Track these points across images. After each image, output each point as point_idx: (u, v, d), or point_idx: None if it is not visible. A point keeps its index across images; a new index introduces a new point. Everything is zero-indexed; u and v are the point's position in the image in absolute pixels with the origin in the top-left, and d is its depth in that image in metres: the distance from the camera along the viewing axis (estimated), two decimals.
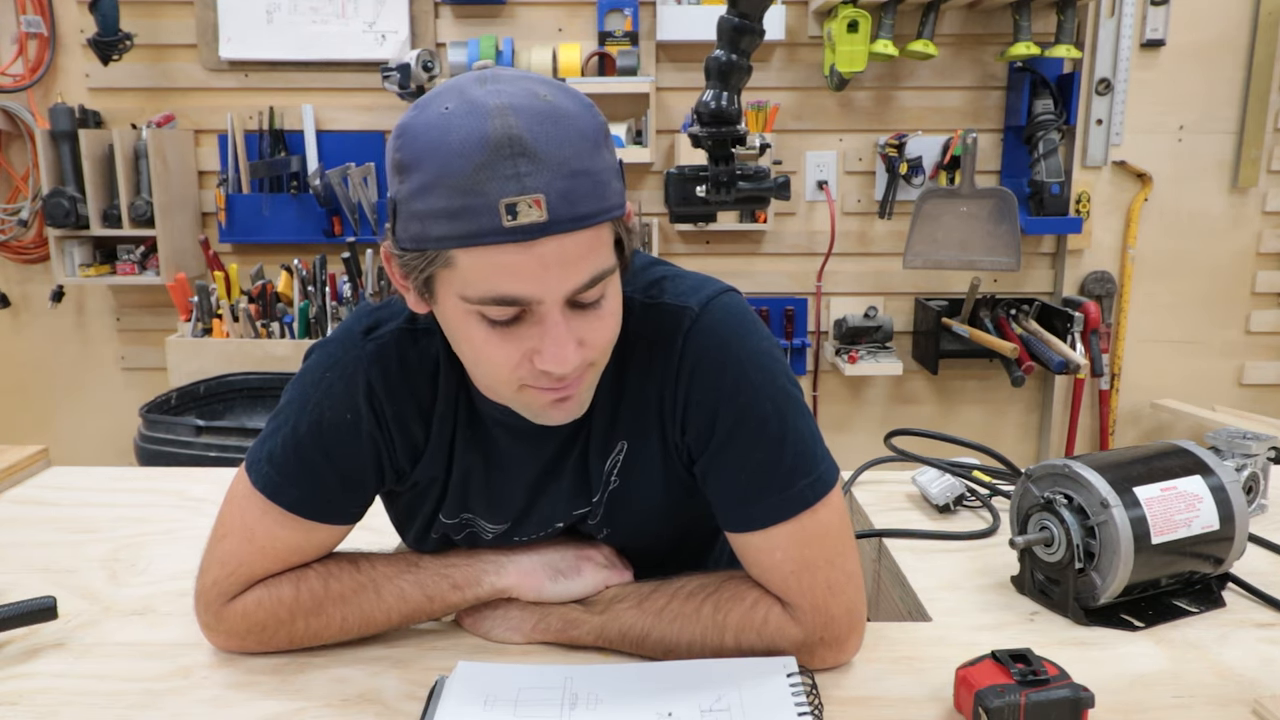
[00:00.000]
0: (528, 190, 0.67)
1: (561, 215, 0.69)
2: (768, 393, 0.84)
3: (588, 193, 0.70)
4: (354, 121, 2.84)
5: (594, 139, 0.72)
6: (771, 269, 2.92)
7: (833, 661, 0.87)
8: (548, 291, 0.71)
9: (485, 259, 0.70)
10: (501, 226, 0.68)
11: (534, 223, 0.68)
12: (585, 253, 0.72)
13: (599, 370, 0.82)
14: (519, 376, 0.77)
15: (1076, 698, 0.76)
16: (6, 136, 2.87)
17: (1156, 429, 3.00)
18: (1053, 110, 2.73)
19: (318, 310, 2.64)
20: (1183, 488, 0.98)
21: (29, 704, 0.84)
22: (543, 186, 0.68)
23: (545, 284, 0.71)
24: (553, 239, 0.69)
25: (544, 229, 0.68)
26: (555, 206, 0.68)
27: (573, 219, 0.69)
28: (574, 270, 0.71)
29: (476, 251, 0.70)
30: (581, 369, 0.77)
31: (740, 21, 1.32)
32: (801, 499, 0.83)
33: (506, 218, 0.68)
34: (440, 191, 0.69)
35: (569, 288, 0.72)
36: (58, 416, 3.07)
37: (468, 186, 0.68)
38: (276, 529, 0.88)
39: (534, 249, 0.69)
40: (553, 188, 0.68)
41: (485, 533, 0.95)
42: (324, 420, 0.86)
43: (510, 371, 0.76)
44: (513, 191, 0.67)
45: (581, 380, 0.79)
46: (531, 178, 0.68)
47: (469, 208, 0.68)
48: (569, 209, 0.69)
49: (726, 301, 0.87)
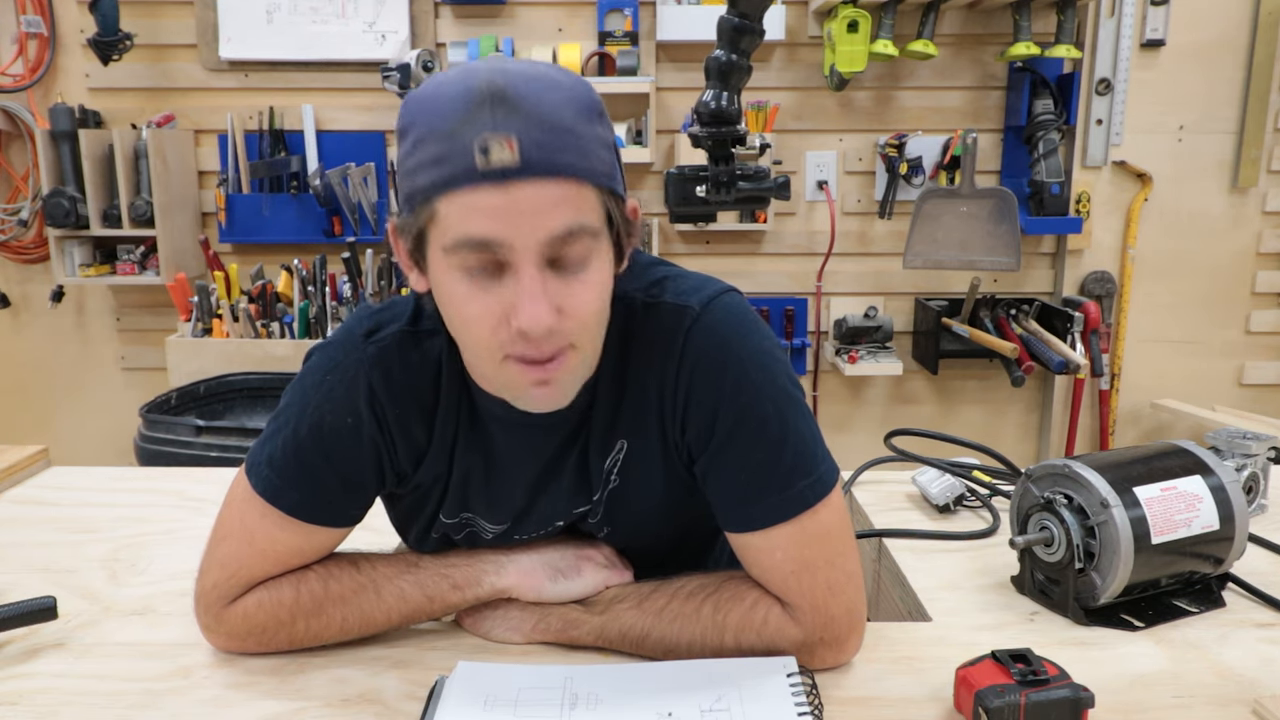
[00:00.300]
0: (500, 131, 0.69)
1: (534, 160, 0.69)
2: (768, 393, 0.83)
3: (567, 147, 0.71)
4: (354, 121, 2.84)
5: (583, 108, 0.73)
6: (771, 269, 2.92)
7: (833, 662, 0.87)
8: (519, 235, 0.71)
9: (461, 202, 0.71)
10: (474, 167, 0.69)
11: (505, 164, 0.69)
12: (562, 203, 0.71)
13: (584, 357, 0.80)
14: (499, 342, 0.76)
15: (1076, 698, 0.76)
16: (6, 136, 2.87)
17: (1156, 429, 3.00)
18: (1053, 110, 2.73)
19: (318, 310, 2.64)
20: (1183, 488, 0.98)
21: (29, 704, 0.84)
22: (517, 130, 0.69)
23: (517, 227, 0.71)
24: (527, 184, 0.70)
25: (516, 171, 0.69)
26: (528, 150, 0.69)
27: (547, 166, 0.70)
28: (547, 217, 0.71)
29: (454, 197, 0.71)
30: (560, 342, 0.76)
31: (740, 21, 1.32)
32: (801, 499, 0.83)
33: (480, 158, 0.69)
34: (427, 143, 0.71)
35: (542, 234, 0.71)
36: (58, 416, 3.07)
37: (449, 133, 0.70)
38: (276, 532, 0.87)
39: (507, 191, 0.70)
40: (528, 134, 0.69)
41: (485, 532, 0.95)
42: (324, 424, 0.86)
43: (490, 335, 0.75)
44: (487, 132, 0.69)
45: (563, 363, 0.78)
46: (507, 123, 0.69)
47: (448, 153, 0.70)
48: (543, 155, 0.70)
49: (728, 301, 0.86)
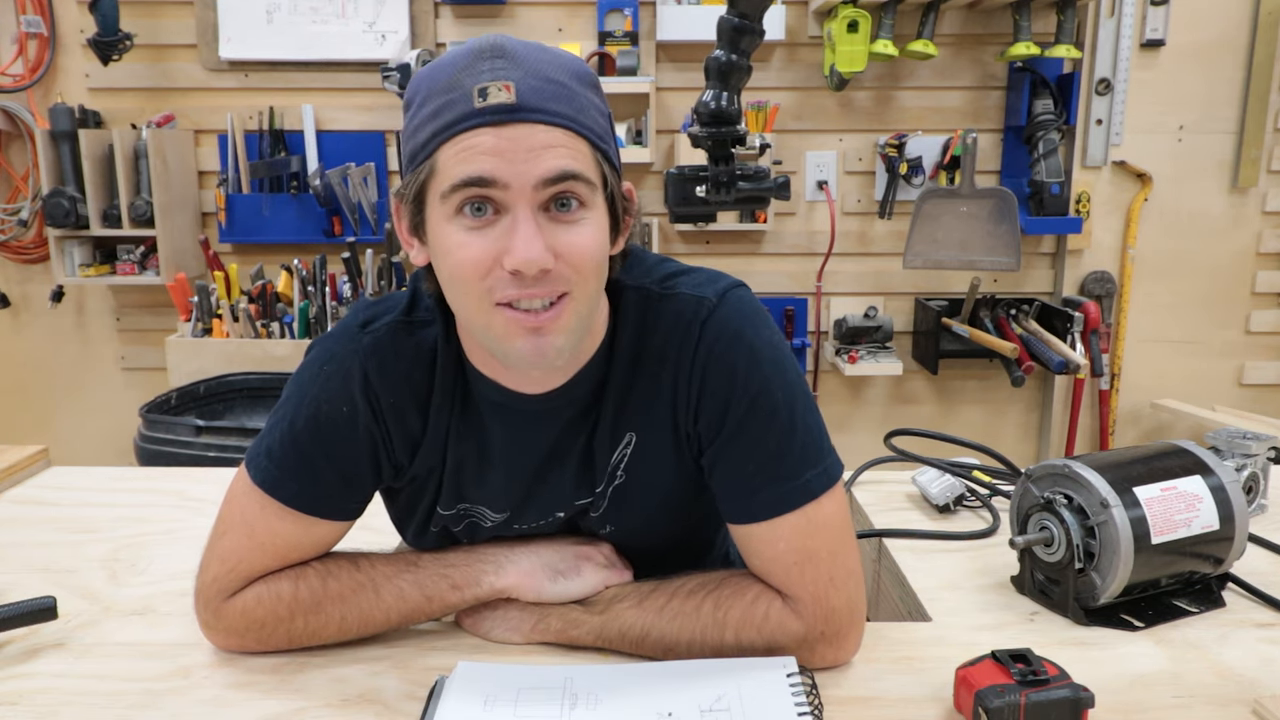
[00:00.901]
0: (499, 78, 0.73)
1: (531, 103, 0.73)
2: (779, 384, 0.85)
3: (563, 99, 0.75)
4: (354, 121, 2.84)
5: (578, 74, 0.78)
6: (771, 269, 2.92)
7: (832, 659, 0.87)
8: (515, 175, 0.73)
9: (460, 144, 0.74)
10: (473, 108, 0.73)
11: (503, 103, 0.73)
12: (558, 146, 0.74)
13: (578, 314, 0.79)
14: (490, 286, 0.76)
15: (1076, 698, 0.76)
16: (6, 136, 2.87)
17: (1156, 429, 3.00)
18: (1053, 110, 2.73)
19: (318, 310, 2.64)
20: (1183, 488, 0.98)
21: (29, 704, 0.84)
22: (515, 77, 0.73)
23: (514, 165, 0.73)
24: (524, 125, 0.73)
25: (513, 110, 0.73)
26: (525, 94, 0.73)
27: (543, 110, 0.74)
28: (544, 157, 0.74)
29: (453, 142, 0.74)
30: (553, 288, 0.76)
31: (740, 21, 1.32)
32: (807, 490, 0.84)
33: (478, 100, 0.73)
34: (429, 101, 0.76)
35: (538, 173, 0.73)
36: (58, 416, 3.07)
37: (450, 85, 0.75)
38: (275, 524, 0.88)
39: (505, 131, 0.73)
40: (525, 81, 0.74)
41: (485, 521, 0.95)
42: (321, 414, 0.86)
43: (480, 280, 0.76)
44: (486, 79, 0.73)
45: (559, 313, 0.77)
46: (505, 71, 0.74)
47: (448, 102, 0.74)
48: (540, 100, 0.74)
49: (741, 294, 0.88)
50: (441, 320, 0.87)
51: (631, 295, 0.88)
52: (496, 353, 0.81)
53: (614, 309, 0.88)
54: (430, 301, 0.88)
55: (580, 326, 0.81)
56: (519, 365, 0.82)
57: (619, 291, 0.88)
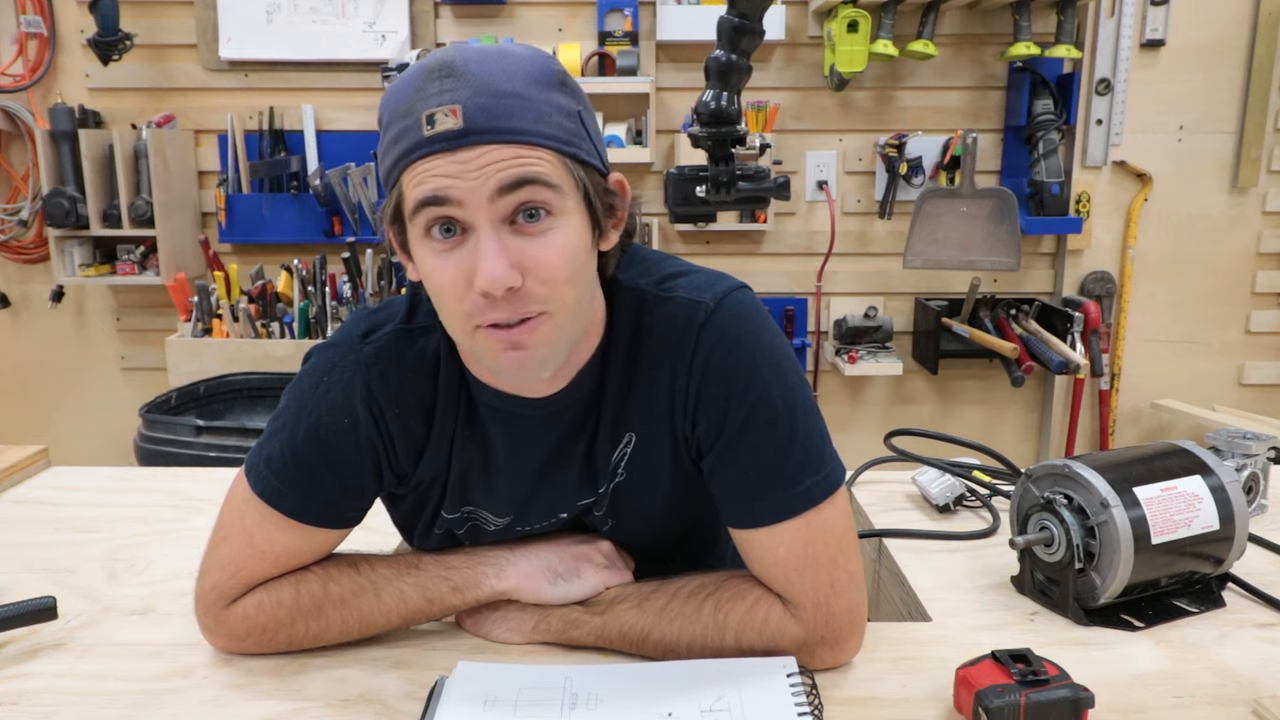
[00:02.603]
0: (445, 102, 0.72)
1: (479, 125, 0.72)
2: (779, 390, 0.84)
3: (515, 112, 0.73)
4: (354, 121, 2.84)
5: (538, 77, 0.75)
6: (771, 269, 2.92)
7: (832, 662, 0.87)
8: (469, 192, 0.72)
9: (415, 171, 0.74)
10: (422, 137, 0.72)
11: (449, 130, 0.72)
12: (512, 160, 0.73)
13: (558, 325, 0.78)
14: (467, 310, 0.76)
15: (1076, 698, 0.76)
16: (6, 136, 2.87)
17: (1156, 429, 3.00)
18: (1053, 110, 2.73)
19: (318, 310, 2.64)
20: (1183, 488, 0.98)
21: (29, 704, 0.84)
22: (461, 100, 0.72)
23: (466, 183, 0.72)
24: (474, 148, 0.72)
25: (460, 135, 0.72)
26: (472, 116, 0.72)
27: (493, 130, 0.72)
28: (498, 169, 0.72)
29: (411, 170, 0.74)
30: (525, 305, 0.75)
31: (740, 21, 1.32)
32: (808, 497, 0.84)
33: (426, 127, 0.72)
34: (391, 125, 0.75)
35: (490, 186, 0.72)
36: (58, 416, 3.07)
37: (405, 110, 0.74)
38: (275, 533, 0.88)
39: (455, 155, 0.72)
40: (472, 101, 0.72)
41: (488, 524, 0.94)
42: (321, 425, 0.86)
43: (458, 303, 0.76)
44: (434, 104, 0.72)
45: (535, 329, 0.77)
46: (452, 92, 0.72)
47: (404, 130, 0.74)
48: (488, 120, 0.72)
49: (741, 298, 0.87)
50: (442, 327, 0.87)
51: (626, 296, 0.87)
52: (487, 368, 0.83)
53: (610, 308, 0.87)
54: (429, 307, 0.87)
55: (563, 337, 0.80)
56: (507, 379, 0.83)
57: (614, 291, 0.87)
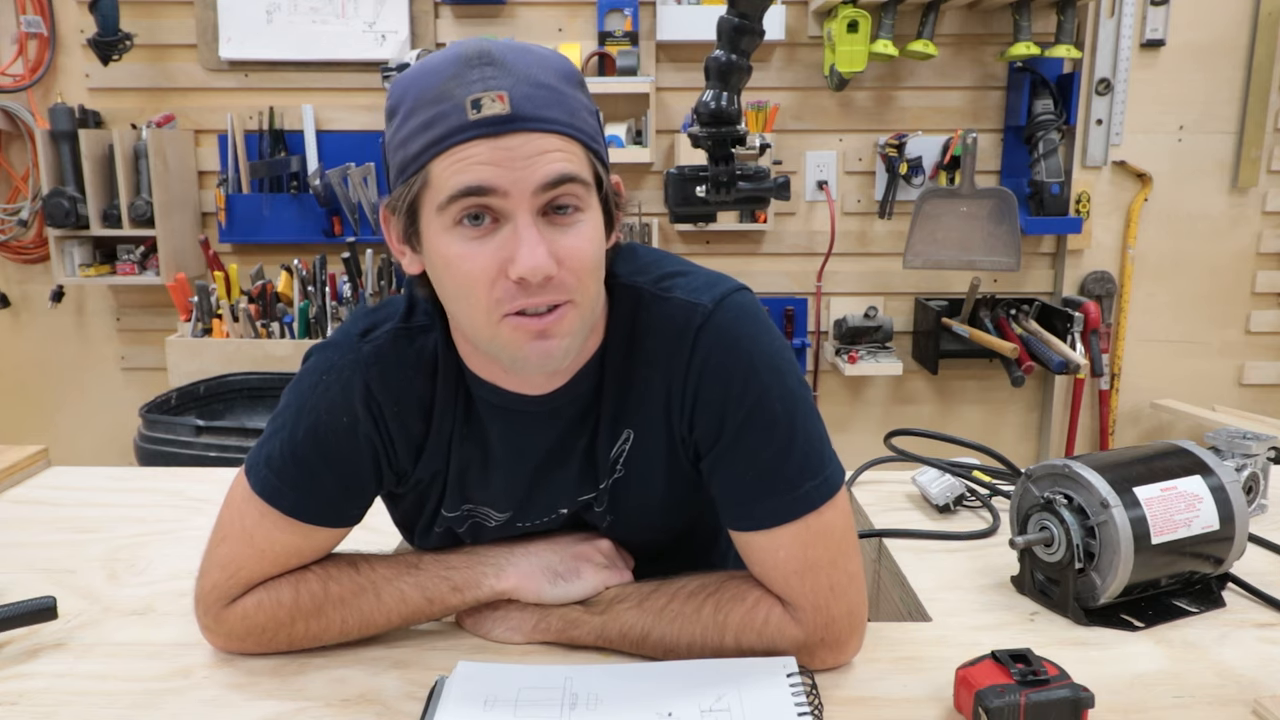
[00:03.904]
0: (490, 88, 0.72)
1: (525, 112, 0.72)
2: (777, 393, 0.83)
3: (554, 103, 0.74)
4: (354, 121, 2.84)
5: (565, 74, 0.76)
6: (771, 269, 2.92)
7: (832, 663, 0.87)
8: (514, 182, 0.72)
9: (456, 157, 0.73)
10: (468, 121, 0.72)
11: (498, 114, 0.72)
12: (554, 152, 0.73)
13: (580, 318, 0.79)
14: (496, 299, 0.76)
15: (1076, 698, 0.76)
16: (6, 136, 2.87)
17: (1156, 429, 3.00)
18: (1053, 110, 2.73)
19: (318, 310, 2.64)
20: (1183, 488, 0.98)
21: (29, 704, 0.84)
22: (507, 86, 0.72)
23: (512, 172, 0.72)
24: (519, 134, 0.72)
25: (507, 120, 0.72)
26: (519, 103, 0.72)
27: (537, 118, 0.73)
28: (540, 164, 0.73)
29: (448, 154, 0.73)
30: (557, 294, 0.76)
31: (740, 21, 1.32)
32: (807, 500, 0.83)
33: (471, 111, 0.72)
34: (418, 112, 0.74)
35: (537, 179, 0.73)
36: (58, 416, 3.07)
37: (440, 96, 0.73)
38: (275, 532, 0.88)
39: (500, 141, 0.72)
40: (517, 89, 0.72)
41: (489, 521, 0.94)
42: (321, 424, 0.86)
43: (487, 291, 0.75)
44: (477, 90, 0.72)
45: (562, 318, 0.77)
46: (496, 79, 0.72)
47: (440, 114, 0.73)
48: (533, 108, 0.73)
49: (740, 300, 0.86)
50: (440, 325, 0.87)
51: (624, 293, 0.87)
52: (504, 360, 0.81)
53: (608, 304, 0.87)
54: (427, 305, 0.87)
55: (583, 328, 0.81)
56: (526, 371, 0.81)
57: (611, 288, 0.87)
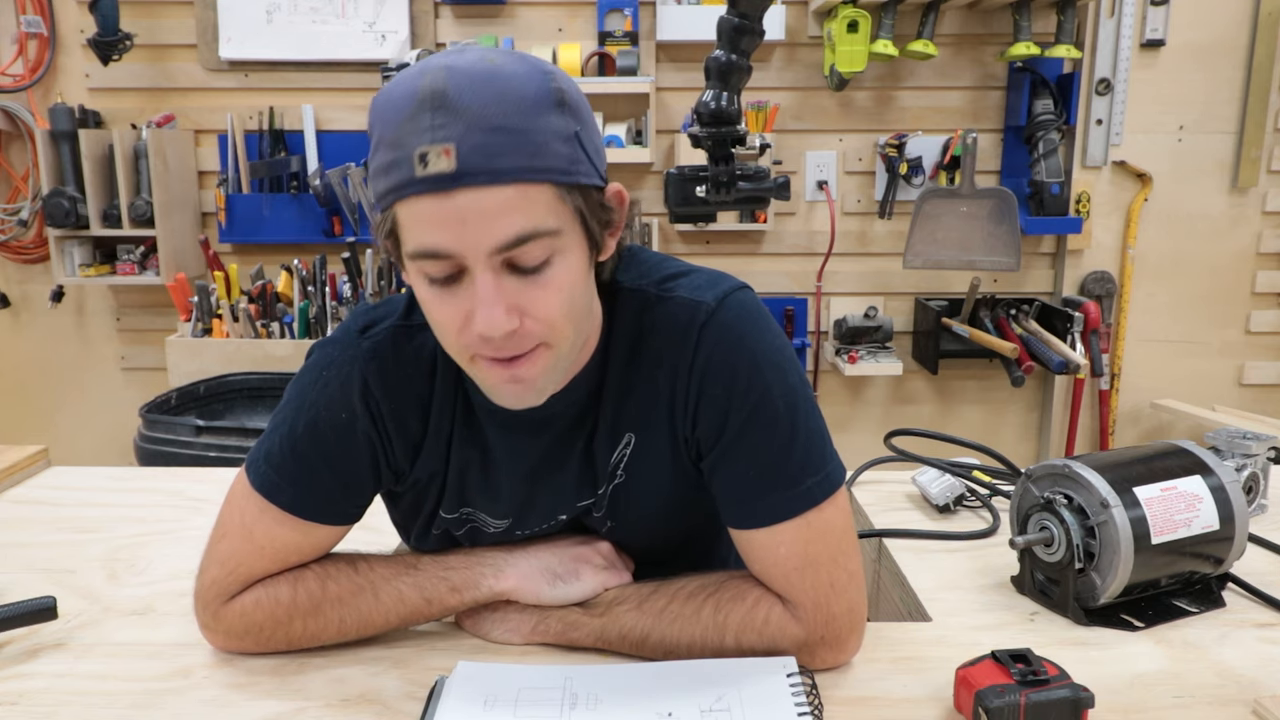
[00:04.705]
0: (439, 140, 0.68)
1: (474, 167, 0.68)
2: (780, 390, 0.84)
3: (511, 149, 0.69)
4: (354, 121, 2.83)
5: (534, 101, 0.71)
6: (771, 269, 2.92)
7: (832, 662, 0.87)
8: (467, 247, 0.71)
9: (410, 211, 0.71)
10: (415, 176, 0.69)
11: (443, 172, 0.68)
12: (508, 210, 0.70)
13: (558, 354, 0.79)
14: (465, 344, 0.76)
15: (1076, 698, 0.76)
16: (6, 136, 2.87)
17: (1156, 429, 3.00)
18: (1053, 110, 2.73)
19: (318, 310, 2.64)
20: (1183, 488, 0.98)
21: (29, 704, 0.84)
22: (455, 137, 0.68)
23: (463, 238, 0.70)
24: (469, 191, 0.69)
25: (454, 179, 0.68)
26: (466, 157, 0.68)
27: (488, 172, 0.69)
28: (494, 225, 0.70)
29: (404, 205, 0.71)
30: (526, 342, 0.75)
31: (740, 21, 1.32)
32: (809, 497, 0.83)
33: (419, 167, 0.69)
34: (381, 149, 0.71)
35: (489, 243, 0.70)
36: (58, 416, 3.07)
37: (395, 141, 0.70)
38: (274, 528, 0.88)
39: (450, 200, 0.69)
40: (466, 139, 0.68)
41: (487, 526, 0.94)
42: (320, 420, 0.86)
43: (456, 337, 0.76)
44: (426, 141, 0.68)
45: (535, 362, 0.77)
46: (445, 128, 0.68)
47: (395, 161, 0.70)
48: (484, 161, 0.69)
49: (742, 298, 0.86)
50: None
51: (628, 297, 0.87)
52: (483, 390, 0.82)
53: (610, 310, 0.87)
54: None
55: (562, 363, 0.80)
56: (503, 405, 0.82)
57: (615, 292, 0.87)
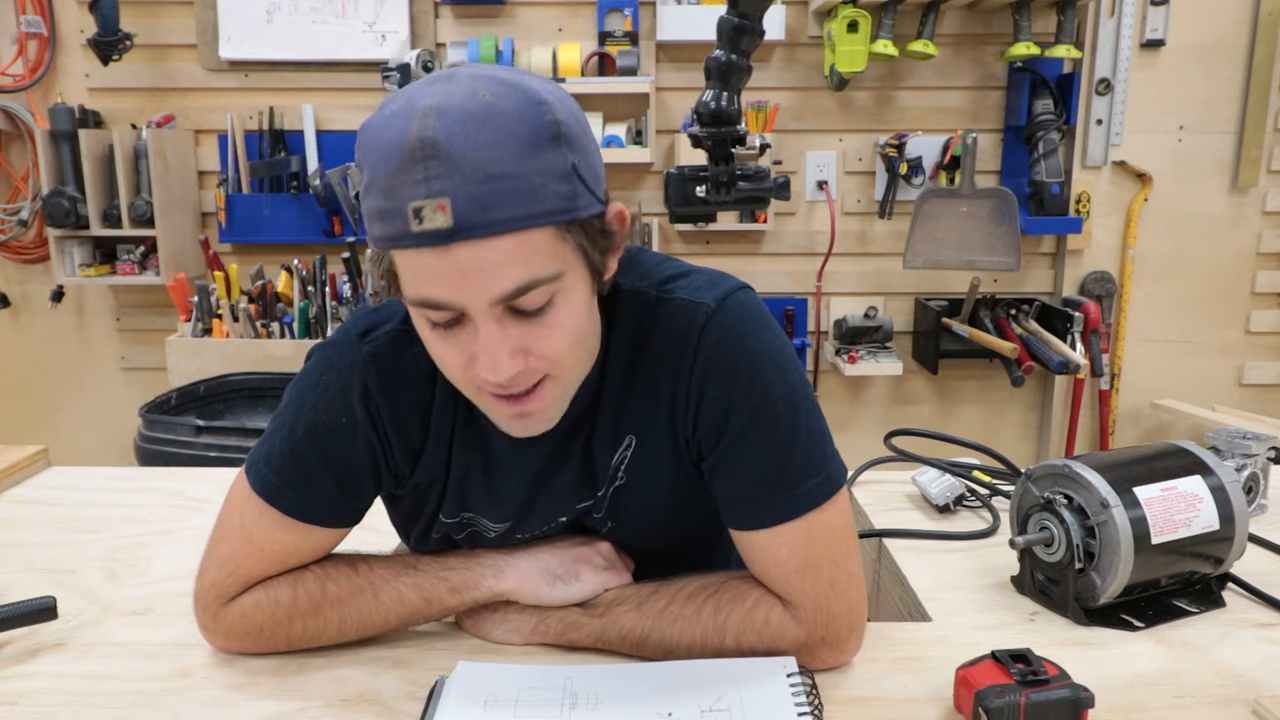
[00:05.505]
0: (433, 194, 0.66)
1: (471, 221, 0.67)
2: (781, 391, 0.83)
3: (507, 197, 0.67)
4: (354, 121, 2.83)
5: (530, 141, 0.68)
6: (771, 269, 2.92)
7: (832, 662, 0.87)
8: (468, 299, 0.70)
9: (407, 262, 0.71)
10: (410, 231, 0.67)
11: (440, 228, 0.67)
12: (508, 260, 0.69)
13: (563, 386, 0.80)
14: (470, 379, 0.76)
15: (1076, 698, 0.76)
16: (6, 136, 2.87)
17: (1156, 429, 3.00)
18: (1053, 110, 2.73)
19: (318, 310, 2.64)
20: (1183, 488, 0.98)
21: (29, 704, 0.84)
22: (450, 190, 0.66)
23: (463, 291, 0.70)
24: (467, 245, 0.67)
25: (450, 234, 0.67)
26: (463, 211, 0.66)
27: (485, 225, 0.67)
28: (494, 278, 0.69)
29: (401, 255, 0.71)
30: (531, 379, 0.76)
31: (740, 21, 1.32)
32: (809, 498, 0.83)
33: (414, 222, 0.67)
34: (372, 193, 0.70)
35: (490, 295, 0.70)
36: (58, 416, 3.07)
37: (387, 189, 0.68)
38: (274, 531, 0.88)
39: (449, 255, 0.68)
40: (461, 192, 0.66)
41: (487, 531, 0.94)
42: (320, 423, 0.86)
43: (462, 373, 0.76)
44: (420, 195, 0.66)
45: (542, 395, 0.78)
46: (439, 181, 0.66)
47: (388, 211, 0.68)
48: (480, 214, 0.67)
49: (742, 298, 0.86)
50: None
51: (628, 299, 0.86)
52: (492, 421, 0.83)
53: (610, 312, 0.87)
54: None
55: (569, 392, 0.82)
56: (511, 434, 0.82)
57: (615, 294, 0.87)
